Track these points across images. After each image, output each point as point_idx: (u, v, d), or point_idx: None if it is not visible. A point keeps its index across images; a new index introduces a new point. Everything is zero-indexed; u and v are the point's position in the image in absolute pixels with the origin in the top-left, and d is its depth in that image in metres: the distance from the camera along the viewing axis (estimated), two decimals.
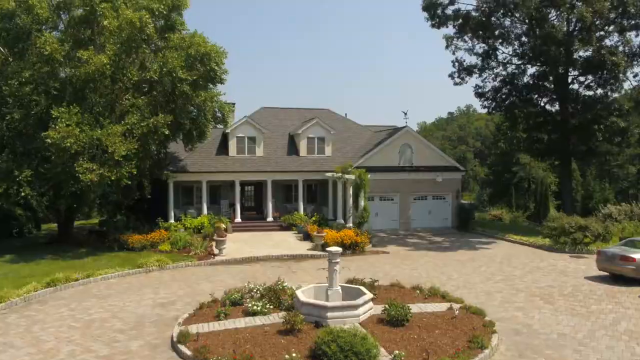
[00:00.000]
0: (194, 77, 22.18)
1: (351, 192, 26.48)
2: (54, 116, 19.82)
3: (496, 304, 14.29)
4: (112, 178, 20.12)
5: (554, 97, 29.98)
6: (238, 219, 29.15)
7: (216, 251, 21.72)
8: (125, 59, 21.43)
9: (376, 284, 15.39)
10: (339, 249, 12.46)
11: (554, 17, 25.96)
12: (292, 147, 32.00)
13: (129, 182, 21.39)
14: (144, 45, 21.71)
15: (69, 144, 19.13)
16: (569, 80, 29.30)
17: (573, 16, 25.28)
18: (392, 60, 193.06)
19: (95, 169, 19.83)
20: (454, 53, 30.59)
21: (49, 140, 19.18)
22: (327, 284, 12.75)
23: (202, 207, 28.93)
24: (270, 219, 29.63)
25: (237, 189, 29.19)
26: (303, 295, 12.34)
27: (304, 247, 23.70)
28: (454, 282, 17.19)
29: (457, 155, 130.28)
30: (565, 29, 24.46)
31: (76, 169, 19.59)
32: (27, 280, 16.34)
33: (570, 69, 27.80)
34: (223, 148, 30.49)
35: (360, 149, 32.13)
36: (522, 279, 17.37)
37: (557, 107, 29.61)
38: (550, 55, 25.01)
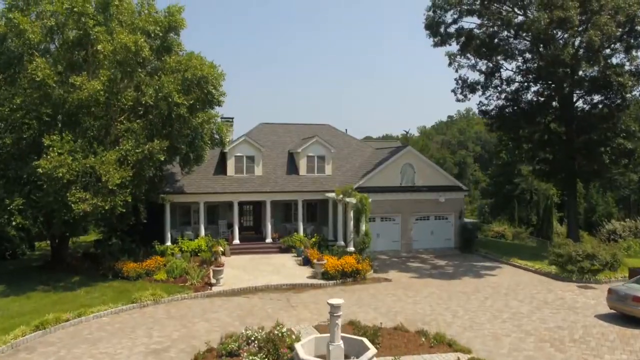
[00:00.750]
0: (191, 101, 21.55)
1: (352, 215, 25.84)
2: (46, 144, 19.18)
3: (504, 352, 13.67)
4: (106, 207, 19.48)
5: (558, 115, 29.36)
6: (236, 241, 28.52)
7: (213, 281, 21.07)
8: (119, 83, 20.80)
9: (379, 325, 14.83)
10: (341, 301, 11.80)
11: (560, 37, 25.35)
12: (292, 166, 31.39)
13: (124, 210, 20.75)
14: (139, 70, 21.06)
15: (61, 174, 18.49)
16: (574, 98, 28.70)
17: (581, 39, 24.68)
18: (392, 62, 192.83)
19: (88, 198, 19.19)
20: (456, 70, 30.00)
21: (40, 170, 18.54)
22: (327, 331, 12.18)
23: (199, 227, 28.29)
24: (269, 240, 28.99)
25: (236, 210, 28.56)
26: (303, 351, 11.70)
27: (303, 274, 23.07)
28: (460, 321, 16.55)
29: (457, 160, 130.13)
30: (572, 51, 23.83)
31: (68, 198, 18.96)
32: (15, 321, 15.69)
33: (577, 90, 27.18)
34: (221, 167, 29.87)
35: (360, 167, 31.53)
36: (530, 318, 16.74)
37: (562, 127, 28.97)
38: (556, 76, 24.41)
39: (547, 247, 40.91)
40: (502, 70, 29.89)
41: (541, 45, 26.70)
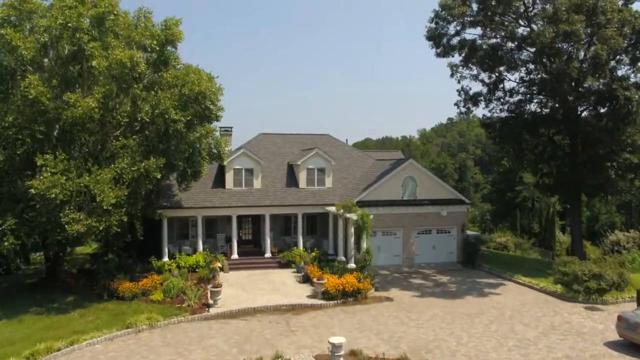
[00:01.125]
0: (188, 117, 21.06)
1: (353, 231, 25.32)
2: (39, 163, 18.68)
3: None
4: (100, 228, 18.98)
5: (562, 128, 28.84)
6: (235, 255, 28.01)
7: (211, 302, 20.55)
8: (115, 99, 20.31)
9: (382, 356, 14.36)
10: (342, 340, 11.34)
11: (566, 50, 24.80)
12: (292, 178, 30.88)
13: (119, 230, 20.24)
14: (135, 85, 20.54)
15: (54, 195, 17.98)
16: (579, 110, 28.18)
17: (587, 53, 24.22)
18: (391, 65, 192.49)
19: (82, 218, 18.70)
20: (459, 82, 29.52)
21: (32, 191, 18.03)
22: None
23: (197, 242, 27.78)
24: (268, 254, 28.46)
25: (234, 224, 28.03)
26: None
27: (303, 293, 22.56)
28: (464, 348, 16.05)
29: (457, 164, 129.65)
30: (578, 65, 23.30)
31: (62, 219, 18.46)
32: (6, 350, 15.22)
33: (582, 103, 26.64)
34: (219, 180, 29.34)
35: (361, 180, 31.03)
36: (537, 346, 16.23)
37: (566, 139, 28.42)
38: (562, 90, 23.91)
39: (550, 257, 40.48)
40: (505, 81, 29.40)
41: (545, 58, 26.15)
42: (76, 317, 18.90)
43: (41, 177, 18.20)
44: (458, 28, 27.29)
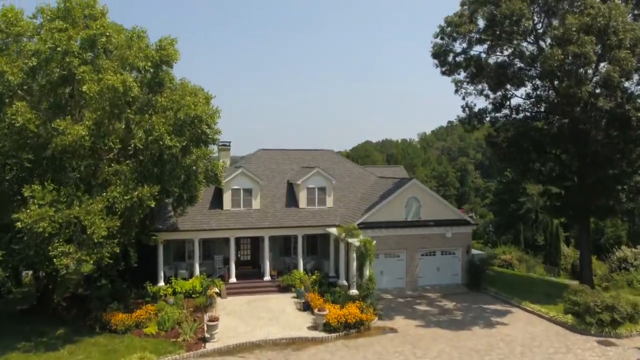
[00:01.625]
0: (184, 143, 20.18)
1: (355, 256, 24.45)
2: (26, 195, 17.79)
3: None
4: (91, 262, 18.10)
5: (570, 147, 27.96)
6: (233, 279, 27.13)
7: (207, 335, 19.66)
8: (107, 125, 19.42)
9: None
10: None
11: (575, 70, 23.90)
12: (291, 197, 29.99)
13: (111, 261, 19.33)
14: (128, 110, 19.65)
15: (41, 229, 17.09)
16: (588, 129, 27.30)
17: (597, 72, 23.39)
18: (391, 66, 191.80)
19: (72, 251, 17.80)
20: (464, 98, 28.68)
21: (19, 224, 17.14)
22: None
23: (194, 264, 26.89)
24: (267, 278, 27.57)
25: (232, 246, 27.14)
26: None
27: (303, 324, 21.68)
28: None
29: (457, 168, 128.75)
30: (589, 88, 22.41)
31: (50, 252, 17.57)
32: None
33: (593, 125, 25.73)
34: (217, 201, 28.43)
35: (362, 198, 30.17)
36: None
37: (575, 160, 27.51)
38: (573, 114, 23.06)
39: (555, 274, 39.62)
40: (511, 99, 28.54)
41: (555, 78, 25.23)
42: (65, 356, 18.00)
43: (28, 211, 17.29)
44: (464, 46, 26.43)
